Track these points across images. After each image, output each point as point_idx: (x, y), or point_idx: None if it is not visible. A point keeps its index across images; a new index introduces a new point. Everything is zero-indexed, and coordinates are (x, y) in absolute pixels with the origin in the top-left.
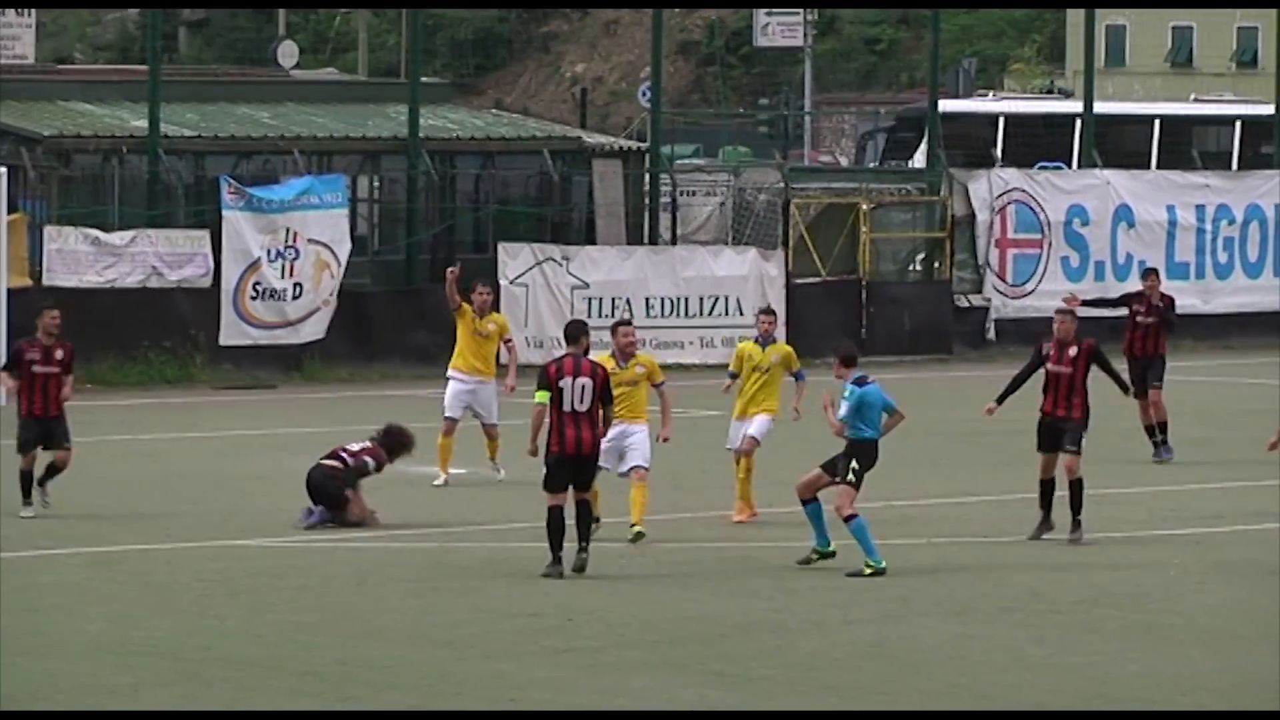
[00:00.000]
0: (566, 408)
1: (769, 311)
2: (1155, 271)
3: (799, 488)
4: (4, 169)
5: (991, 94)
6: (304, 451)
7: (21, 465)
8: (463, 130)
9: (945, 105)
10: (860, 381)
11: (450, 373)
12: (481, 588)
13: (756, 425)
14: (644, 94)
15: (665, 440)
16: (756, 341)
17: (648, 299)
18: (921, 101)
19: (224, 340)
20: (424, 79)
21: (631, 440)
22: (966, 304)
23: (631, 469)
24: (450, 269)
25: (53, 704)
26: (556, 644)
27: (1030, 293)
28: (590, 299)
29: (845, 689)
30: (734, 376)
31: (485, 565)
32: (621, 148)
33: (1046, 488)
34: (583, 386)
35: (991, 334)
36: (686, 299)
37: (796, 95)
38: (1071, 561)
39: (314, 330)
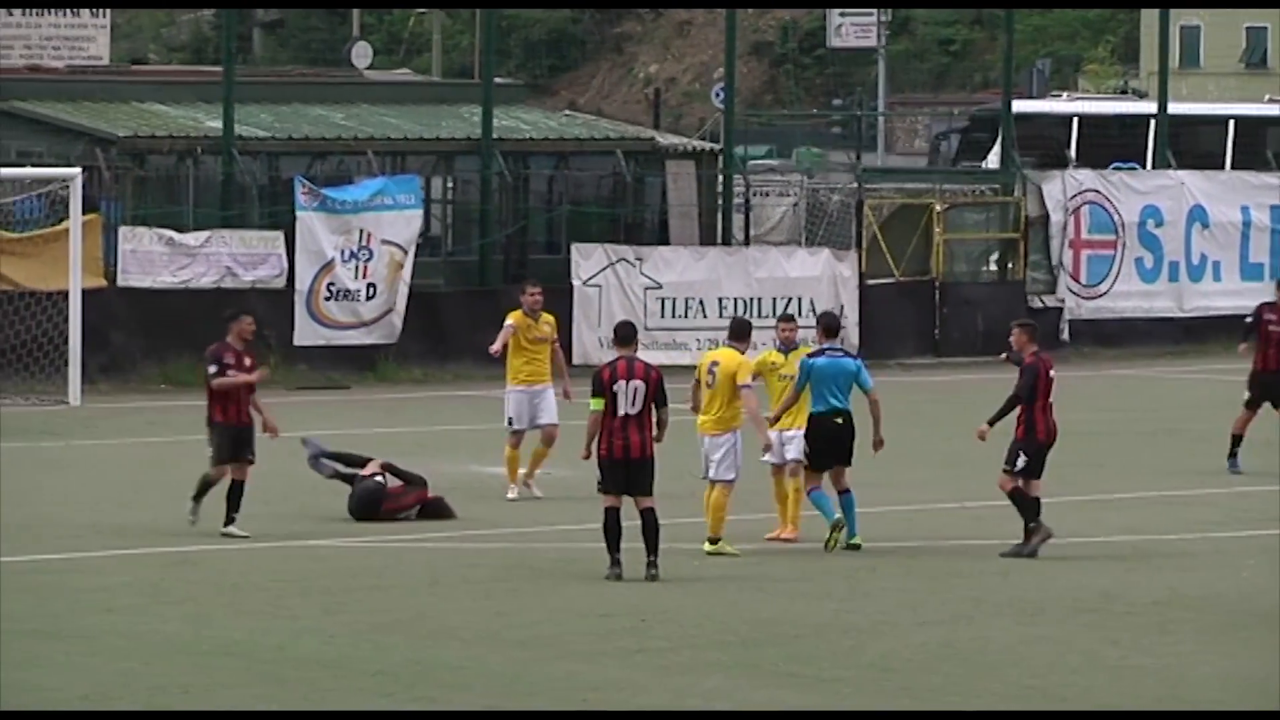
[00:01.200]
0: (620, 412)
1: (789, 319)
2: None
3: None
4: (79, 170)
5: (1065, 95)
6: (377, 452)
7: (213, 474)
8: (536, 131)
9: (1019, 106)
10: (818, 354)
11: (510, 388)
12: (555, 588)
13: (796, 447)
14: (717, 94)
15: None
16: (779, 349)
17: (720, 299)
18: (995, 102)
19: (298, 341)
20: (497, 80)
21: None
22: (1040, 305)
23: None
24: (493, 348)
25: (128, 704)
26: (629, 645)
27: (1104, 294)
28: (663, 299)
29: (918, 690)
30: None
31: (558, 566)
32: (695, 148)
33: (1011, 499)
34: (635, 390)
35: (1065, 335)
36: (760, 300)
37: (870, 96)
38: (1144, 562)
39: (384, 334)
